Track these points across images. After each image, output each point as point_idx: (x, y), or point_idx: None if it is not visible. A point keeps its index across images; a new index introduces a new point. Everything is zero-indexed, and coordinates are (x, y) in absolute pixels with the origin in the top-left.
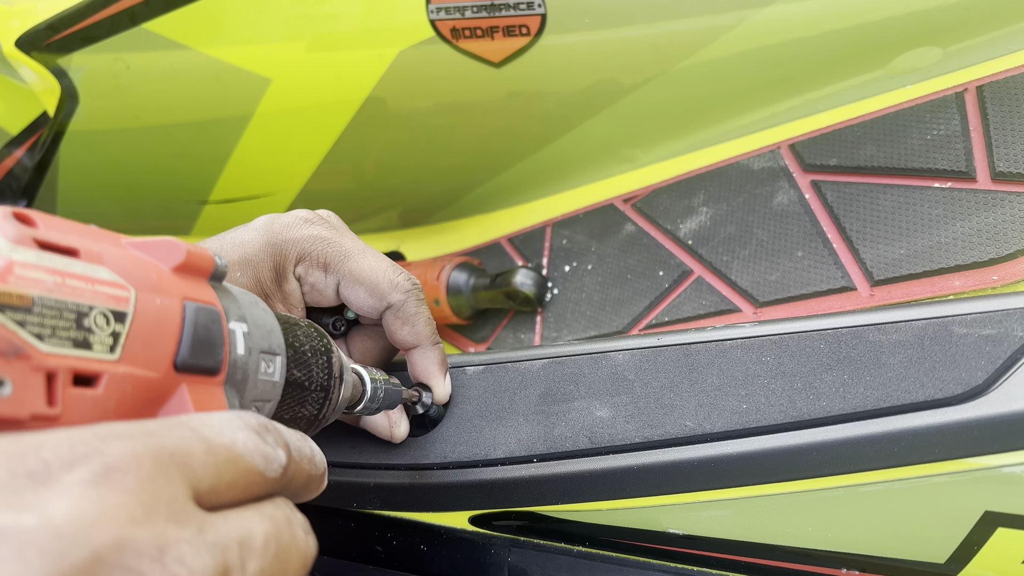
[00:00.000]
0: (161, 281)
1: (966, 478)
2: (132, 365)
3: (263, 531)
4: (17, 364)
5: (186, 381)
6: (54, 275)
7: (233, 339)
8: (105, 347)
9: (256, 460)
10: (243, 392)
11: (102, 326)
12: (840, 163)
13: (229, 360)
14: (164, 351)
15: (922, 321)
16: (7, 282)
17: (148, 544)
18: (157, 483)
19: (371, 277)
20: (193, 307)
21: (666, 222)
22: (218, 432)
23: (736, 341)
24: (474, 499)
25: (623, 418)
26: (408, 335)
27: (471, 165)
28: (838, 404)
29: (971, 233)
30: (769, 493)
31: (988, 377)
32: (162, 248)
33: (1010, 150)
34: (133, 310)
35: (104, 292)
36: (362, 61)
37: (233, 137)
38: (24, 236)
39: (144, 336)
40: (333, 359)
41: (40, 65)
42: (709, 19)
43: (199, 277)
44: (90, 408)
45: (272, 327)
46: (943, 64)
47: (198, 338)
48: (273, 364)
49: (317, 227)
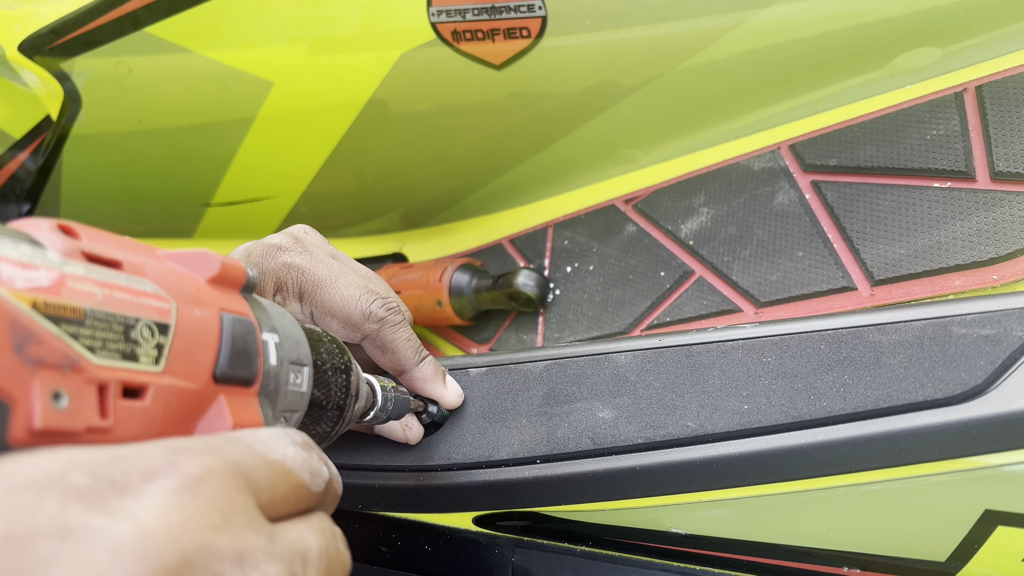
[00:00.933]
0: (199, 293)
1: (966, 477)
2: (175, 377)
3: (317, 544)
4: (72, 377)
5: (224, 392)
6: (103, 288)
7: (266, 350)
8: (151, 359)
9: (304, 475)
10: (275, 403)
11: (147, 338)
12: (840, 163)
13: (263, 371)
14: (204, 362)
15: (922, 321)
16: (61, 295)
17: (229, 550)
18: (231, 493)
19: (343, 309)
20: (230, 319)
21: (667, 223)
22: (270, 448)
23: (737, 342)
24: (478, 500)
25: (626, 419)
26: (390, 362)
27: (473, 167)
28: (839, 404)
29: (971, 233)
30: (771, 493)
31: (987, 377)
32: (198, 260)
33: (1009, 150)
34: (175, 322)
35: (148, 304)
36: (364, 64)
37: (236, 140)
38: (72, 249)
39: (186, 348)
40: (352, 377)
41: (43, 69)
42: (709, 20)
43: (232, 288)
44: (138, 419)
45: (300, 338)
46: (942, 64)
47: (236, 349)
48: (301, 375)
49: (291, 254)
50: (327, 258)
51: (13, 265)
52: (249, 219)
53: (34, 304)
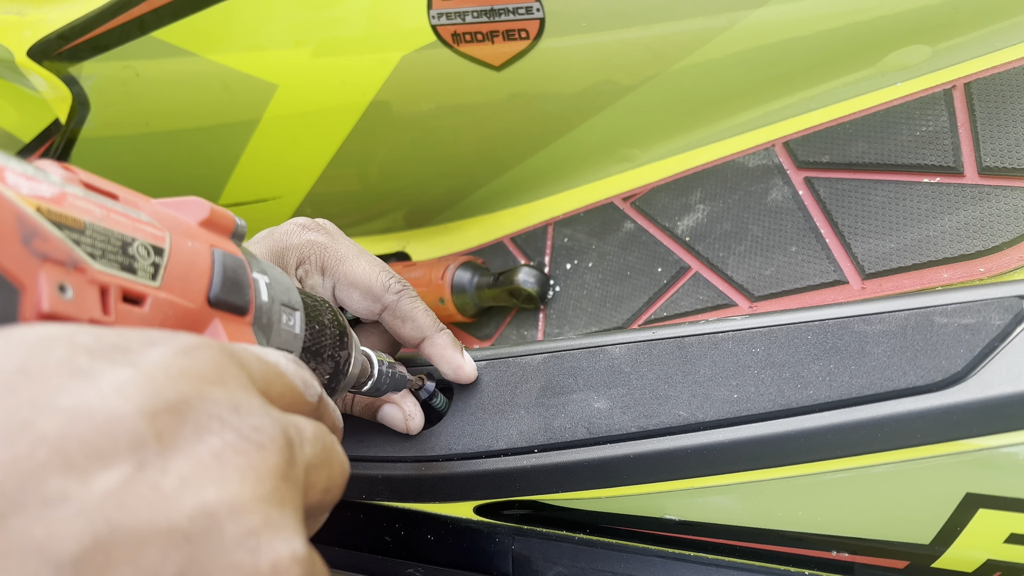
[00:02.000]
0: (191, 229)
1: (947, 462)
2: (172, 293)
3: (312, 428)
4: (75, 275)
5: (219, 316)
6: (101, 208)
7: (257, 286)
8: (147, 274)
9: (296, 381)
10: (269, 337)
11: (144, 255)
12: (832, 160)
13: (255, 304)
14: (198, 285)
15: (905, 312)
16: (63, 206)
17: (225, 400)
18: (225, 362)
19: (365, 280)
20: (220, 252)
21: (664, 220)
22: (264, 352)
23: (728, 333)
24: (478, 489)
25: (620, 409)
26: (411, 331)
27: (474, 166)
28: (824, 392)
29: (959, 226)
30: (761, 479)
31: (967, 364)
32: (188, 205)
33: (996, 145)
34: (169, 247)
35: (144, 229)
36: (366, 66)
37: (241, 142)
38: (71, 177)
39: (180, 270)
40: (346, 338)
41: (51, 74)
42: (703, 21)
43: (222, 233)
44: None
45: (289, 285)
46: (932, 62)
47: (227, 278)
48: (293, 318)
49: (314, 233)
50: (347, 240)
51: (19, 176)
52: (255, 220)
53: (39, 209)
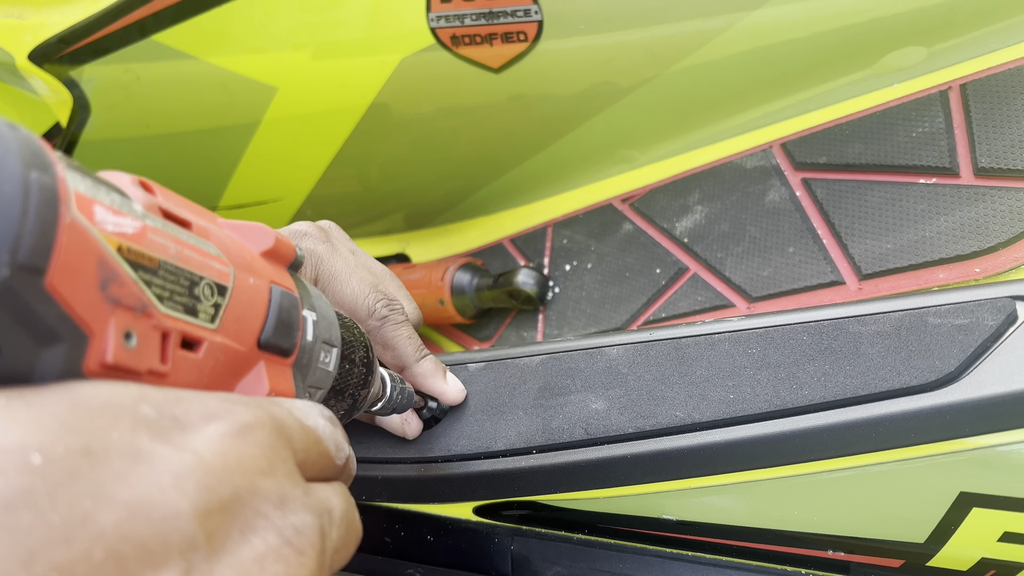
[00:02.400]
0: (254, 263)
1: (941, 461)
2: (226, 336)
3: (340, 506)
4: (142, 321)
5: (264, 358)
6: (176, 243)
7: (305, 326)
8: (208, 316)
9: (331, 446)
10: (305, 376)
11: (207, 296)
12: (829, 161)
13: (300, 344)
14: (252, 327)
15: (899, 312)
16: (143, 244)
17: (273, 493)
18: (276, 444)
19: (351, 303)
20: (279, 291)
21: (663, 221)
22: (305, 415)
23: (724, 334)
24: (477, 490)
25: (617, 410)
26: (391, 359)
27: (473, 168)
28: (820, 393)
29: (955, 227)
30: (757, 479)
31: (960, 364)
32: (254, 232)
33: (992, 146)
34: (232, 286)
35: (212, 266)
36: (365, 68)
37: (241, 144)
38: (152, 204)
39: (239, 311)
40: (371, 376)
41: (52, 77)
42: (701, 23)
43: (281, 264)
44: (191, 370)
45: (333, 320)
46: (928, 63)
47: (281, 320)
48: (331, 355)
49: (314, 241)
50: (347, 252)
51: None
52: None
53: (119, 248)
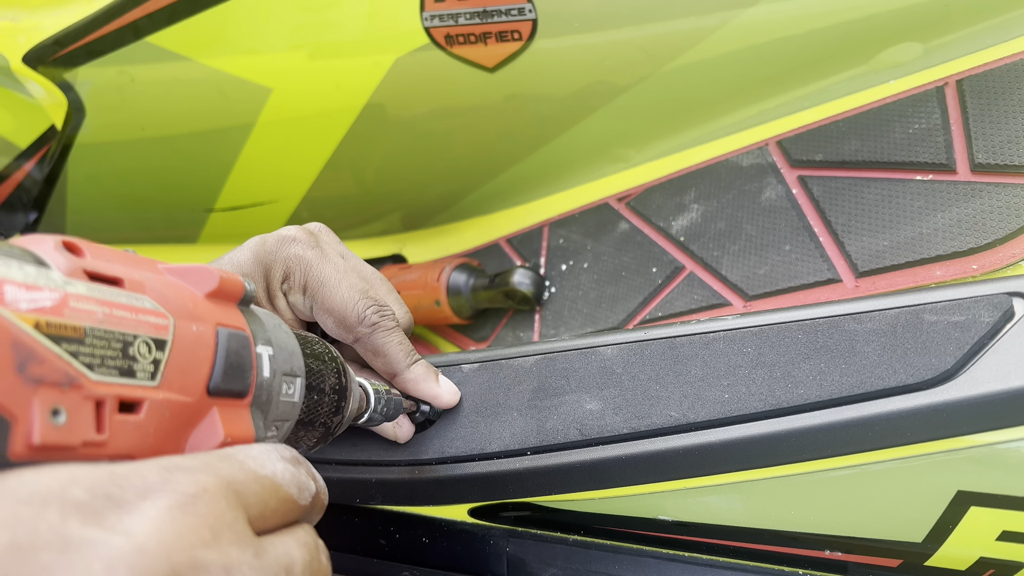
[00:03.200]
0: (196, 308)
1: (938, 460)
2: (170, 391)
3: (301, 558)
4: (71, 394)
5: (217, 404)
6: (103, 306)
7: (260, 363)
8: (147, 374)
9: (292, 490)
10: (267, 413)
11: (144, 354)
12: (826, 158)
13: (256, 383)
14: (199, 376)
15: (895, 310)
16: (63, 315)
17: (217, 565)
18: (221, 509)
19: (340, 310)
20: (226, 333)
21: (659, 220)
22: (261, 464)
23: (719, 333)
24: (471, 492)
25: (612, 410)
26: (382, 366)
27: (469, 168)
28: (815, 392)
29: (952, 224)
30: (754, 479)
31: (956, 362)
32: (197, 275)
33: (989, 142)
34: (172, 338)
35: (147, 321)
36: (360, 69)
37: (236, 146)
38: (75, 267)
39: (181, 363)
40: (344, 378)
41: (47, 80)
42: (695, 20)
43: (230, 302)
44: (133, 433)
45: (294, 349)
46: (924, 59)
47: (230, 363)
48: (294, 386)
49: (302, 247)
50: (336, 257)
51: (18, 287)
52: (252, 224)
53: (36, 325)
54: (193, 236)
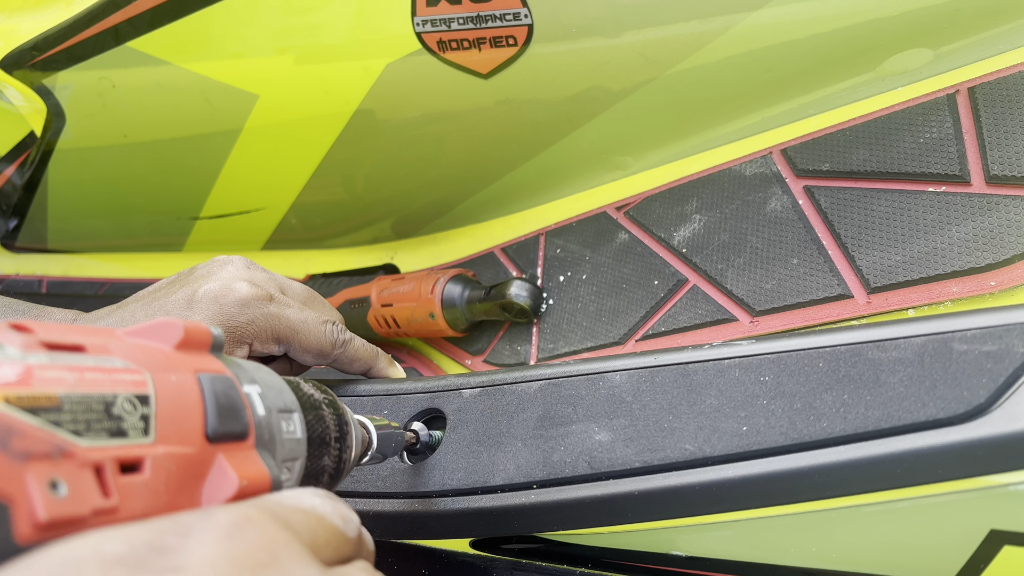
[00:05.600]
0: (169, 360)
1: (970, 497)
2: (168, 444)
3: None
4: (65, 464)
5: (221, 451)
6: (72, 371)
7: (252, 401)
8: (139, 431)
9: (337, 520)
10: (273, 452)
11: (130, 411)
12: (833, 168)
13: (254, 422)
14: (194, 424)
15: (921, 337)
16: (31, 385)
17: None
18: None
19: (317, 346)
20: (208, 377)
21: (659, 230)
22: (298, 499)
23: (734, 360)
24: (474, 526)
25: (622, 442)
26: (359, 368)
27: (462, 175)
28: (839, 425)
29: (967, 238)
30: (773, 514)
31: (990, 395)
32: (159, 329)
33: (1004, 152)
34: (154, 391)
35: (123, 379)
36: (349, 74)
37: (222, 153)
38: (31, 342)
39: (171, 413)
40: (341, 411)
41: (25, 86)
42: (696, 25)
43: (201, 350)
44: (143, 493)
45: (281, 386)
46: (934, 65)
47: (221, 405)
48: (292, 422)
49: (262, 306)
50: (288, 301)
51: None
52: (239, 231)
53: (6, 399)
54: (179, 244)
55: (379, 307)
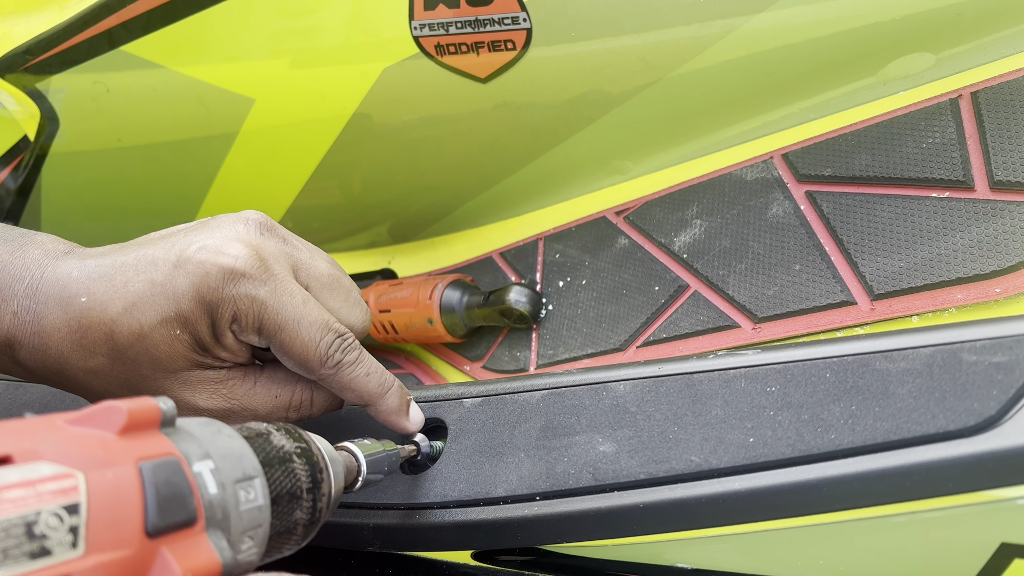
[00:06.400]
0: (109, 452)
1: (981, 510)
2: (100, 553)
3: None
4: None
5: (164, 543)
6: None
7: (201, 481)
8: (66, 546)
9: None
10: (228, 529)
11: (56, 527)
12: (835, 173)
13: (204, 504)
14: (131, 524)
15: (930, 348)
16: None
17: None
18: None
19: (301, 354)
20: (150, 465)
21: (660, 235)
22: None
23: (740, 370)
24: (476, 538)
25: (627, 453)
26: (352, 399)
27: (461, 179)
28: (847, 437)
29: (971, 244)
30: (780, 527)
31: (1001, 407)
32: (101, 416)
33: (1008, 158)
34: (86, 496)
35: (49, 490)
36: (346, 78)
37: (218, 157)
38: None
39: (105, 518)
40: (314, 457)
41: (18, 90)
42: (697, 29)
43: (149, 429)
44: None
45: (241, 451)
46: (936, 70)
47: (163, 496)
48: (253, 489)
49: (251, 285)
50: (292, 288)
51: None
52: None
53: None
54: None
55: (377, 313)
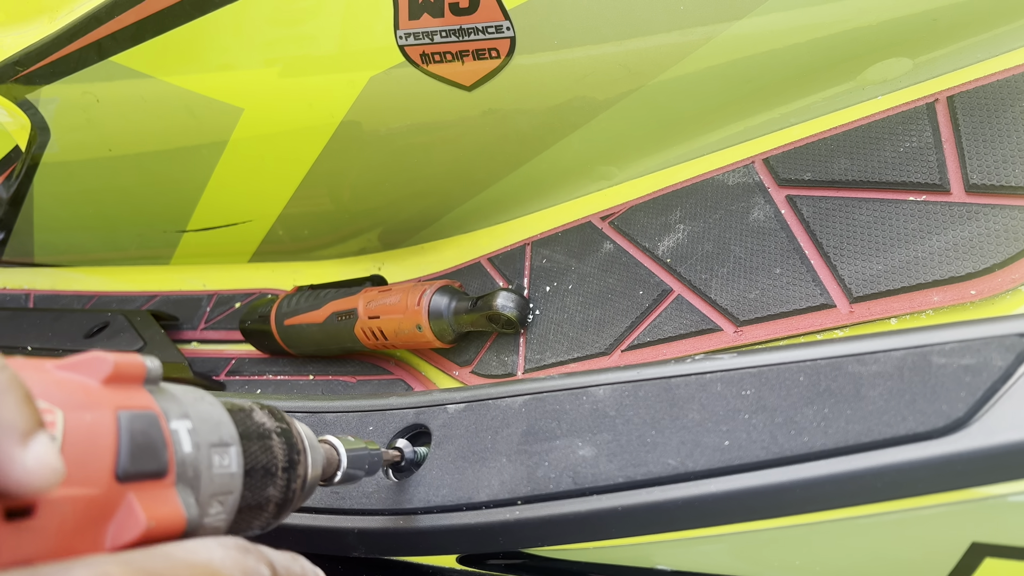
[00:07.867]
0: (90, 397)
1: (951, 510)
2: (68, 486)
3: None
4: None
5: (132, 489)
6: None
7: (177, 438)
8: None
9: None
10: (198, 489)
11: None
12: (814, 177)
13: (176, 459)
14: (102, 465)
15: (901, 351)
16: None
17: None
18: None
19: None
20: (127, 415)
21: (644, 240)
22: (192, 551)
23: (716, 374)
24: (459, 542)
25: (606, 457)
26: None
27: (448, 186)
28: (820, 439)
29: (947, 247)
30: (756, 528)
31: (969, 409)
32: (89, 364)
33: (983, 161)
34: (62, 431)
35: None
36: (333, 87)
37: (208, 166)
38: None
39: (77, 455)
40: (294, 438)
41: (9, 101)
42: (678, 36)
43: (133, 384)
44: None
45: (220, 419)
46: (913, 75)
47: (137, 444)
48: (228, 455)
49: None
50: None
51: None
52: (226, 244)
53: None
54: (167, 257)
55: (366, 319)
